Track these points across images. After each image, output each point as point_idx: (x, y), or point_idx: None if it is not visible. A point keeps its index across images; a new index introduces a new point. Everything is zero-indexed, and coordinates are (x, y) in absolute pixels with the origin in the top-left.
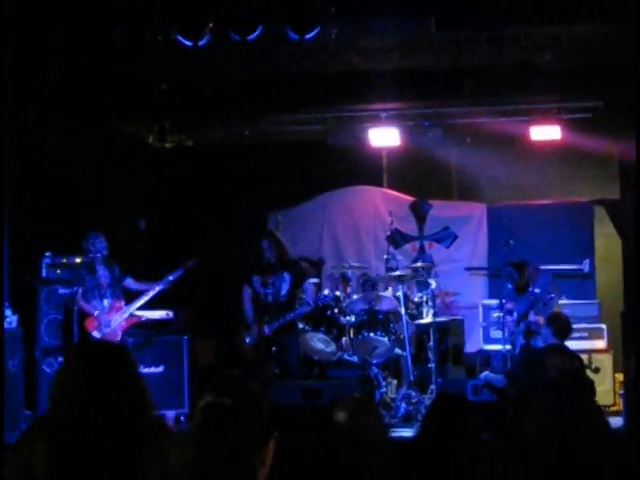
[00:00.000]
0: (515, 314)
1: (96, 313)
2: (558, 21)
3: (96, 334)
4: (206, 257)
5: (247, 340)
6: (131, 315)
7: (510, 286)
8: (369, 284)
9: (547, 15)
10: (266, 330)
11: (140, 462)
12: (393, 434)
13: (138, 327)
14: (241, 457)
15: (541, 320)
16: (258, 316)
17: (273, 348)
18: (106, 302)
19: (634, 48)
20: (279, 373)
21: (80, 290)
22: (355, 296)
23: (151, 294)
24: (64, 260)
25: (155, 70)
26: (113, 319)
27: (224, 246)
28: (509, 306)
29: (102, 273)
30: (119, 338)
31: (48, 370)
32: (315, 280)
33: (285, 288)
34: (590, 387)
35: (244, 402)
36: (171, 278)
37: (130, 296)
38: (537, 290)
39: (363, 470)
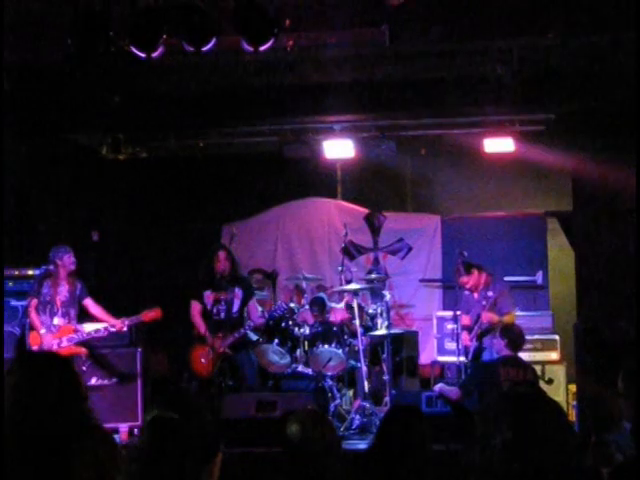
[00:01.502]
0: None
1: (42, 331)
2: (510, 35)
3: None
4: (159, 269)
5: (201, 354)
6: (76, 342)
7: (467, 293)
8: (316, 306)
9: (499, 29)
10: (220, 346)
11: (70, 458)
12: (348, 446)
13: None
14: (188, 470)
15: (495, 319)
16: (211, 331)
17: (227, 362)
18: (57, 320)
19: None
20: (234, 386)
21: (34, 300)
22: (307, 306)
23: (102, 331)
24: (16, 272)
25: (108, 81)
26: (58, 342)
27: (177, 258)
28: (466, 322)
29: (62, 289)
30: None
31: None
32: (264, 294)
33: (237, 304)
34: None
35: (189, 416)
36: (127, 322)
37: (83, 315)
38: (490, 293)
39: None
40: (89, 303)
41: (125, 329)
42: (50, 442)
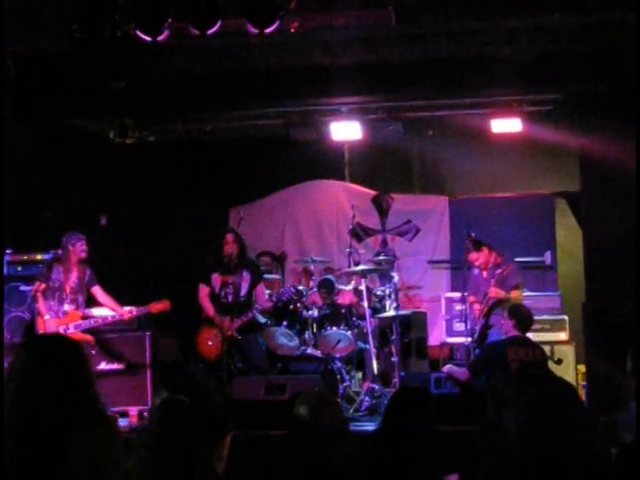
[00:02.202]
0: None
1: (46, 317)
2: (517, 14)
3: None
4: (167, 253)
5: (208, 337)
6: (83, 329)
7: (476, 272)
8: (325, 288)
9: (506, 8)
10: (228, 329)
11: (73, 441)
12: (357, 427)
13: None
14: (198, 453)
15: (501, 293)
16: (219, 314)
17: (235, 345)
18: (66, 307)
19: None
20: (242, 369)
21: (42, 285)
22: (315, 289)
23: (109, 318)
24: (25, 257)
25: (114, 65)
26: (64, 329)
27: (185, 242)
28: (471, 299)
29: (72, 275)
30: None
31: None
32: (272, 276)
33: (245, 287)
34: (563, 382)
35: (198, 399)
36: (135, 312)
37: (90, 302)
38: (498, 271)
39: (325, 463)
40: (97, 291)
41: (131, 318)
42: (53, 426)
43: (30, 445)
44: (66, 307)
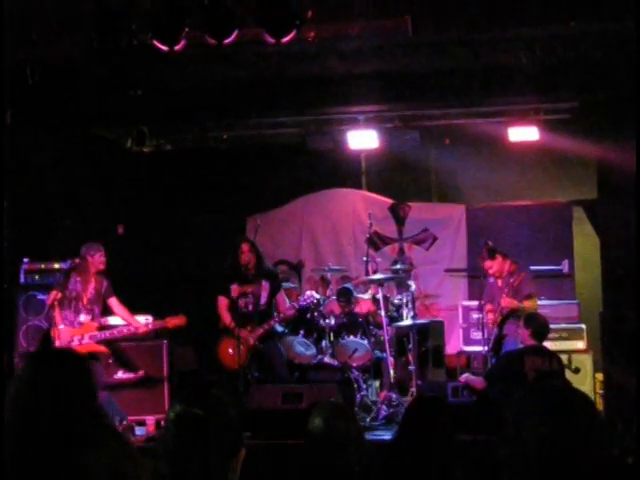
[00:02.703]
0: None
1: (60, 327)
2: (533, 23)
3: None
4: (184, 262)
5: (229, 346)
6: (98, 340)
7: (492, 280)
8: (343, 297)
9: (521, 17)
10: (250, 338)
11: (77, 457)
12: (374, 437)
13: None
14: (213, 466)
15: (514, 303)
16: (238, 324)
17: (254, 354)
18: (82, 317)
19: (631, 48)
20: (260, 377)
21: (59, 294)
22: (333, 297)
23: (124, 331)
24: (42, 266)
25: (132, 74)
26: (79, 339)
27: (202, 251)
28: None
29: (90, 286)
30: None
31: None
32: (290, 285)
33: (264, 297)
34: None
35: (213, 411)
36: (150, 326)
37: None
38: (512, 280)
39: (341, 474)
40: (114, 302)
41: (146, 332)
42: (56, 442)
43: (33, 457)
44: (82, 317)
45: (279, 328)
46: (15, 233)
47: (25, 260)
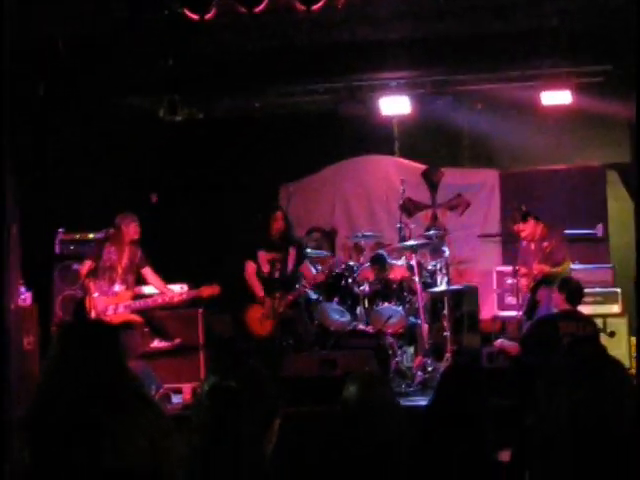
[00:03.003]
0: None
1: (95, 295)
2: None
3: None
4: (218, 230)
5: (258, 314)
6: (133, 310)
7: (525, 244)
8: (378, 264)
9: None
10: (280, 306)
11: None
12: (409, 403)
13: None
14: (247, 438)
15: (546, 269)
16: (267, 291)
17: (285, 321)
18: (117, 287)
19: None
20: (294, 345)
21: (92, 263)
22: (367, 264)
23: (159, 300)
24: (77, 236)
25: (163, 44)
26: (114, 308)
27: (237, 219)
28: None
29: (124, 256)
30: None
31: None
32: (323, 252)
33: (291, 263)
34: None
35: (248, 383)
36: (185, 296)
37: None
38: (545, 244)
39: (374, 442)
40: (147, 272)
41: (181, 301)
42: (89, 410)
43: (69, 434)
44: (117, 287)
45: (313, 295)
46: (50, 204)
47: (60, 230)
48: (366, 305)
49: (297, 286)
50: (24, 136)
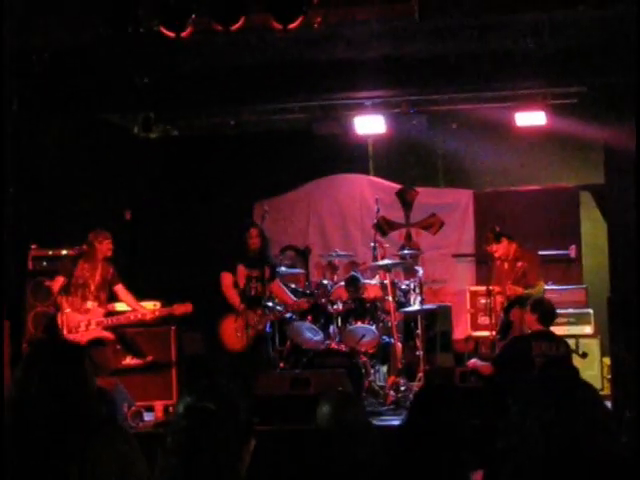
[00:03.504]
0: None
1: (67, 311)
2: (540, 7)
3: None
4: (191, 247)
5: (235, 327)
6: (105, 326)
7: (498, 263)
8: (352, 286)
9: (529, 1)
10: (259, 323)
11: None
12: (382, 422)
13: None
14: (223, 458)
15: (519, 291)
16: (246, 307)
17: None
18: (89, 304)
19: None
20: (265, 362)
21: (63, 280)
22: (341, 283)
23: (132, 318)
24: (50, 252)
25: (138, 61)
26: (86, 324)
27: (209, 237)
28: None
29: (96, 273)
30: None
31: None
32: (297, 270)
33: (265, 281)
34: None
35: (223, 404)
36: (157, 313)
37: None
38: (519, 264)
39: (349, 461)
40: (120, 289)
41: (153, 319)
42: (52, 440)
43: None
44: (89, 304)
45: (287, 314)
46: (23, 220)
47: (33, 246)
48: (339, 324)
49: (273, 305)
50: None
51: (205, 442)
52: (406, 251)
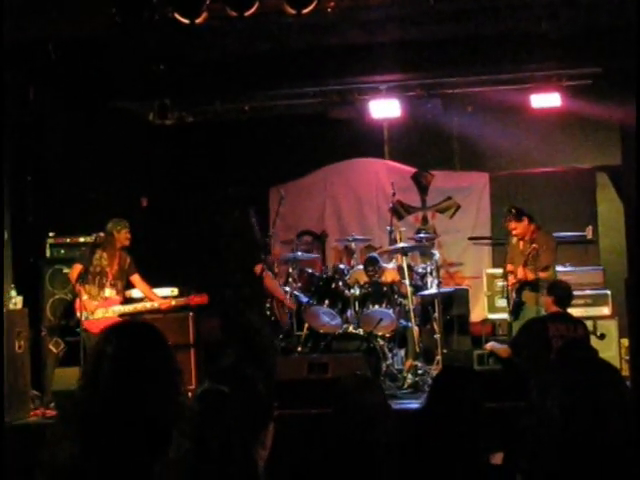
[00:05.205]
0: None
1: (84, 298)
2: None
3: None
4: (208, 233)
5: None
6: (122, 314)
7: (515, 240)
8: (371, 266)
9: None
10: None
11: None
12: (400, 405)
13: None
14: (236, 442)
15: (530, 276)
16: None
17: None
18: (107, 292)
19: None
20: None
21: (81, 267)
22: (359, 267)
23: (148, 307)
24: (68, 240)
25: (153, 48)
26: (103, 312)
27: (227, 222)
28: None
29: (114, 262)
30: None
31: (54, 350)
32: (313, 255)
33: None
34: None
35: (242, 388)
36: (173, 303)
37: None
38: (535, 245)
39: (367, 446)
40: (136, 279)
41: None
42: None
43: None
44: (107, 292)
45: (304, 298)
46: (41, 208)
47: (51, 234)
48: (356, 308)
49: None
50: (14, 141)
51: (217, 426)
52: (422, 235)
